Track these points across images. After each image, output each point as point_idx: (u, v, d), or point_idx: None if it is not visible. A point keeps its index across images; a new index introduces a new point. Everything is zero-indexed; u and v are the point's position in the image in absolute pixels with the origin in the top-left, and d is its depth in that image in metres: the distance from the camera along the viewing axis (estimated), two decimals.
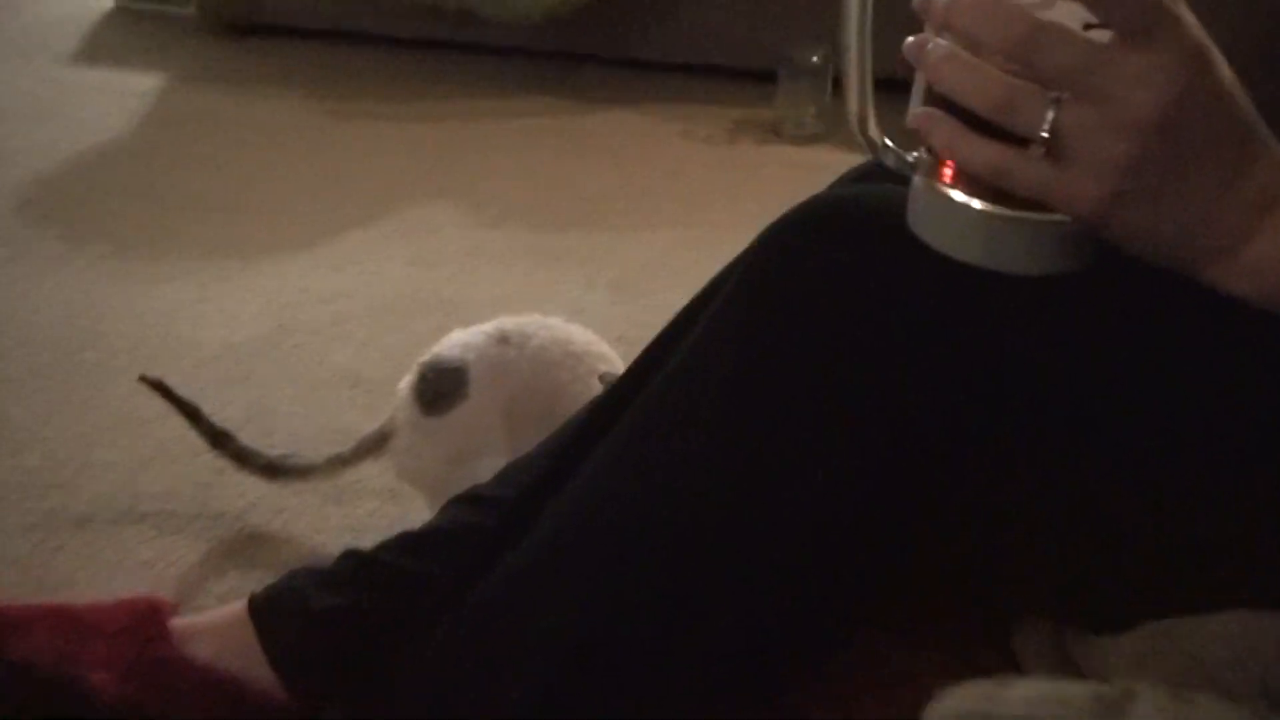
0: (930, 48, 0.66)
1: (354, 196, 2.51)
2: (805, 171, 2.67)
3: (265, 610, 1.11)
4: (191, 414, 1.51)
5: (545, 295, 2.13)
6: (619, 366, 1.44)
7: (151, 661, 1.09)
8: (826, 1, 2.66)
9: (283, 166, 2.65)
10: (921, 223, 0.70)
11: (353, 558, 1.11)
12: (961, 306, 0.74)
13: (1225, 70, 0.66)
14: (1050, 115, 0.63)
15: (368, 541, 1.19)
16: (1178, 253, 0.67)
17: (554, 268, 2.24)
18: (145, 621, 1.12)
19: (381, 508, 1.57)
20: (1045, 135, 0.63)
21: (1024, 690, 0.67)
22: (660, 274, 2.21)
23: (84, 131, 2.82)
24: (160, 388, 1.52)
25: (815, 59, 2.84)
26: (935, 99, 0.67)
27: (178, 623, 1.15)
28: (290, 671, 1.08)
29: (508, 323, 1.43)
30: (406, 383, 1.42)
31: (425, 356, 1.43)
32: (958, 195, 0.67)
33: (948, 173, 0.68)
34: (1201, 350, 0.74)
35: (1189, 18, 0.65)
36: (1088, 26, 0.64)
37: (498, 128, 2.90)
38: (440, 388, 1.39)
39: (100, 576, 1.46)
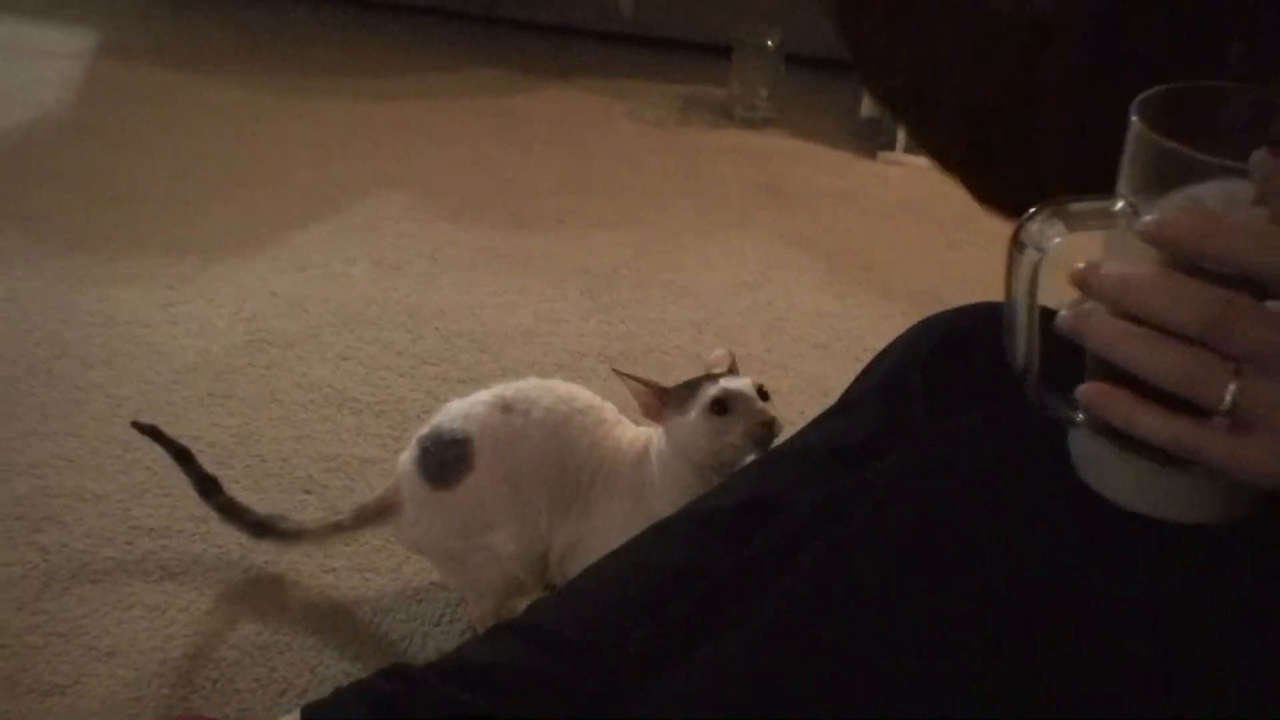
0: (1096, 322, 0.65)
1: (306, 186, 2.49)
2: (758, 160, 2.70)
3: None
4: (184, 458, 1.50)
5: (517, 303, 2.13)
6: (623, 422, 1.45)
7: None
8: None
9: (229, 151, 2.61)
10: (1088, 470, 0.71)
11: (401, 679, 1.06)
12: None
13: None
14: (1233, 388, 0.62)
15: (379, 583, 1.18)
16: None
17: (519, 272, 2.24)
18: None
19: (389, 544, 1.57)
20: (1229, 408, 0.62)
21: None
22: (625, 282, 2.23)
23: (11, 105, 2.73)
24: (154, 433, 1.50)
25: (769, 42, 2.85)
26: (1100, 363, 0.65)
27: None
28: None
29: (508, 390, 1.42)
30: (408, 457, 1.42)
31: (424, 430, 1.42)
32: (1128, 455, 0.67)
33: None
34: None
35: None
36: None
37: (444, 107, 2.87)
38: (445, 459, 1.38)
39: (111, 622, 1.45)
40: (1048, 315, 0.67)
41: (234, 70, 2.99)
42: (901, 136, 2.79)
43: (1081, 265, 0.64)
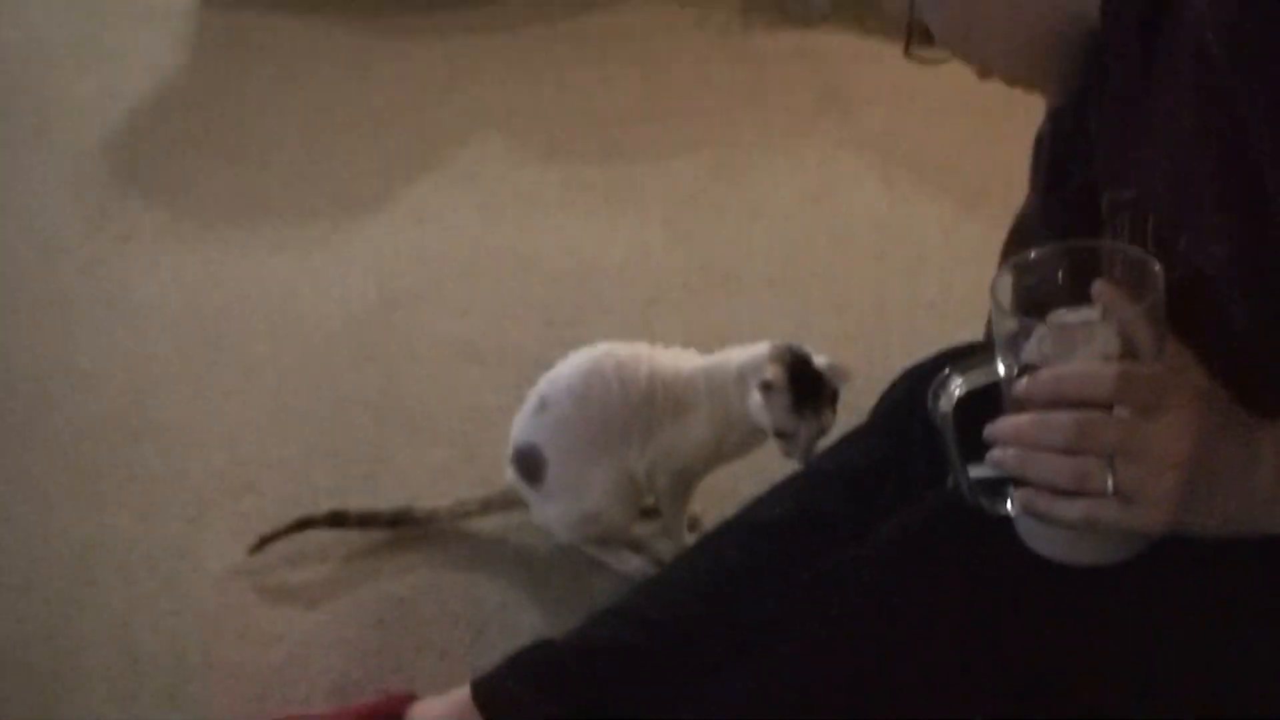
0: (1010, 455, 0.93)
1: (411, 135, 2.77)
2: (816, 63, 2.94)
3: (490, 704, 1.41)
4: (303, 525, 1.81)
5: (609, 238, 2.43)
6: (659, 355, 1.75)
7: None
8: None
9: (338, 100, 2.89)
10: (1028, 537, 0.99)
11: (544, 655, 1.39)
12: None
13: (1222, 392, 0.92)
14: (1110, 478, 0.89)
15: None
16: (1233, 523, 0.91)
17: (608, 206, 2.53)
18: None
19: None
20: (1111, 491, 0.90)
21: None
22: (702, 208, 2.51)
23: (136, 71, 3.02)
24: (270, 539, 1.79)
25: None
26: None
27: (415, 710, 1.49)
28: None
29: (542, 387, 1.73)
30: (509, 472, 1.76)
31: (509, 449, 1.75)
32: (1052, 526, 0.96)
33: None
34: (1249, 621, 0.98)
35: (1186, 364, 0.94)
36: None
37: (527, 36, 3.12)
38: (527, 466, 1.73)
39: (292, 565, 1.80)
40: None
41: (328, 10, 3.24)
42: None
43: (988, 426, 0.94)
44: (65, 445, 2.03)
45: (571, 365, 1.73)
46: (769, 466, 1.64)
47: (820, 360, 1.66)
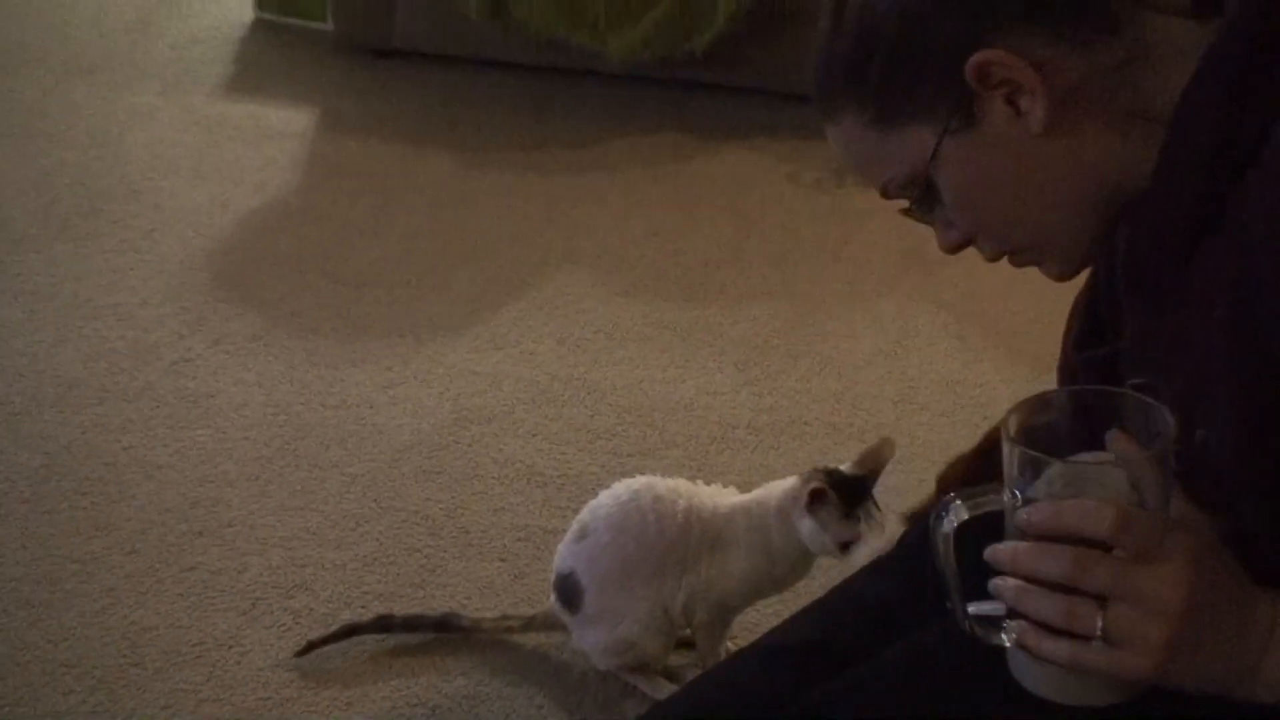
0: (1005, 584, 0.92)
1: (502, 265, 2.86)
2: (903, 223, 2.97)
3: None
4: (350, 631, 1.87)
5: (680, 376, 2.48)
6: (701, 490, 1.79)
7: None
8: None
9: (436, 229, 2.99)
10: (1019, 672, 0.99)
11: None
12: None
13: (1219, 545, 0.91)
14: (1100, 620, 0.88)
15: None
16: (1215, 683, 0.90)
17: (683, 345, 2.58)
18: None
19: None
20: (1100, 635, 0.88)
21: None
22: (775, 353, 2.55)
23: (244, 188, 3.15)
24: (317, 644, 1.85)
25: None
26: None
27: None
28: None
29: (584, 515, 1.79)
30: (552, 596, 1.82)
31: (551, 576, 1.81)
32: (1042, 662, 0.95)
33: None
34: None
35: (1193, 517, 0.96)
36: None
37: (625, 177, 3.20)
38: (565, 592, 1.78)
39: (350, 675, 1.84)
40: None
41: (437, 143, 3.36)
42: None
43: (989, 550, 0.94)
44: (133, 534, 2.09)
45: (611, 496, 1.78)
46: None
47: (847, 467, 1.70)
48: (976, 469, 1.55)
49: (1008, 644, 0.98)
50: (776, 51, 3.42)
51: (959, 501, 0.97)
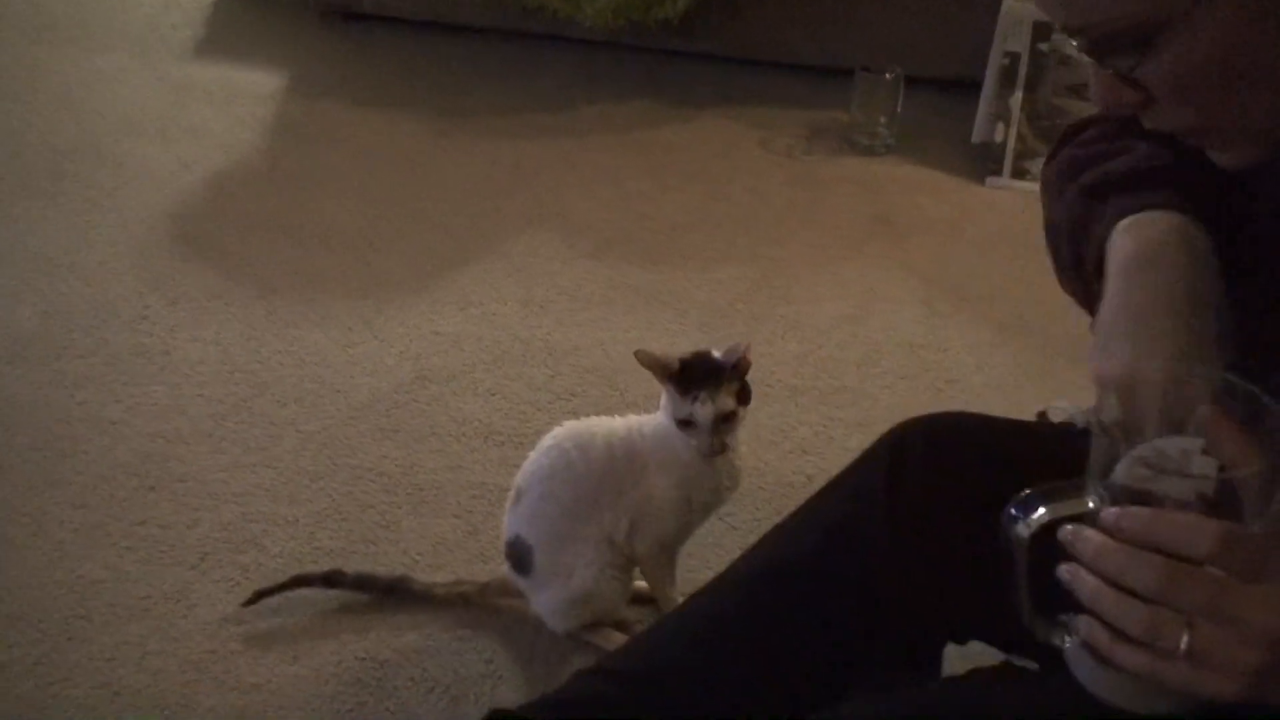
0: (1083, 578, 0.84)
1: (468, 225, 2.83)
2: (873, 190, 2.97)
3: None
4: (299, 582, 1.85)
5: (643, 338, 2.45)
6: (608, 427, 1.78)
7: None
8: (901, 18, 2.94)
9: (402, 190, 2.97)
10: (1076, 666, 0.91)
11: (517, 714, 1.38)
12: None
13: None
14: (1186, 638, 0.80)
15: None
16: None
17: (647, 308, 2.56)
18: None
19: None
20: (1184, 653, 0.80)
21: None
22: (740, 316, 2.54)
23: (211, 149, 3.13)
24: (265, 593, 1.83)
25: (888, 75, 3.11)
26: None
27: None
28: None
29: (517, 479, 1.77)
30: (505, 566, 1.80)
31: (502, 543, 1.80)
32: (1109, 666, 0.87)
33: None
34: None
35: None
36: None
37: (594, 143, 3.19)
38: (516, 556, 1.77)
39: (298, 630, 1.82)
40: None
41: (406, 105, 3.34)
42: (1009, 162, 3.03)
43: (1070, 529, 0.86)
44: (84, 488, 2.07)
45: (536, 451, 1.77)
46: None
47: (720, 351, 1.69)
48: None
49: (1066, 645, 0.92)
50: (749, 20, 3.42)
51: (1040, 503, 0.88)
